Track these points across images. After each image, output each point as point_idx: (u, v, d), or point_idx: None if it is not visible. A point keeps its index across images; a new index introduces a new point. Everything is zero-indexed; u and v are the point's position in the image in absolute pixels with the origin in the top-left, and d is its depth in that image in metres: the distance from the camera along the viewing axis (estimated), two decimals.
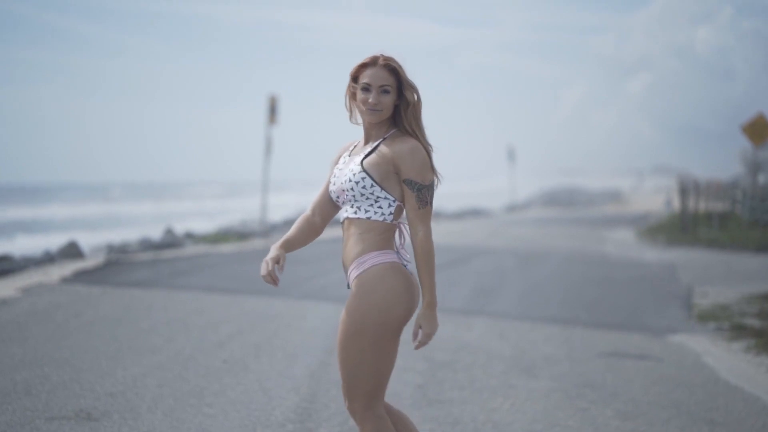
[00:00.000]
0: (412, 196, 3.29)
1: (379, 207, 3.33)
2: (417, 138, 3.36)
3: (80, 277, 11.40)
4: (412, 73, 3.41)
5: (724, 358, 7.60)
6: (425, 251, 3.27)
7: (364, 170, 3.30)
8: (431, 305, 3.28)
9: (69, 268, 12.29)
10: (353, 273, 3.32)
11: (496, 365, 6.86)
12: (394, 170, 3.32)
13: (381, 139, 3.38)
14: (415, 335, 3.31)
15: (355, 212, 3.34)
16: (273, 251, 3.33)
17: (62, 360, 6.41)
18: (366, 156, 3.34)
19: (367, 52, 3.44)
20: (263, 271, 3.27)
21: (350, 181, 3.31)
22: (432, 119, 3.52)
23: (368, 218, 3.32)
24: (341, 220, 3.43)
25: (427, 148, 3.38)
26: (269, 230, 21.17)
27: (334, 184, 3.41)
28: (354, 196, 3.32)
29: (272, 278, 3.25)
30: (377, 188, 3.30)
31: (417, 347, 3.31)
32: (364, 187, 3.30)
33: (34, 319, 8.10)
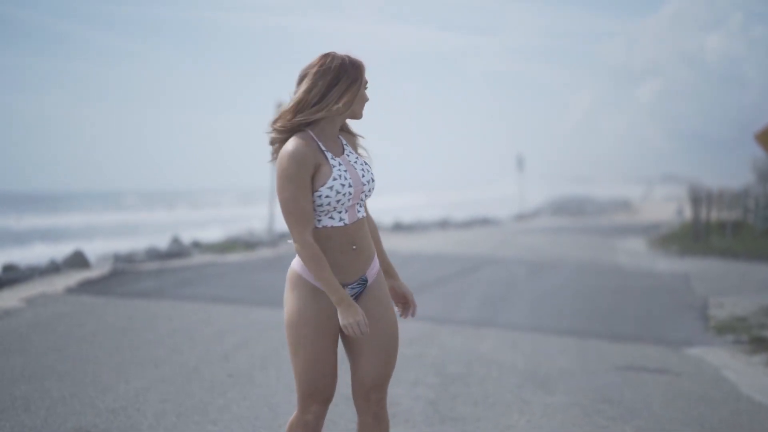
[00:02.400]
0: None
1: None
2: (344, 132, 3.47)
3: (85, 287, 11.23)
4: (419, 78, 3.46)
5: (744, 372, 7.38)
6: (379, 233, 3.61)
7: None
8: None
9: (74, 277, 12.12)
10: (376, 266, 3.45)
11: (510, 379, 6.65)
12: None
13: (339, 136, 3.44)
14: (411, 304, 3.59)
15: (359, 211, 3.40)
16: (354, 310, 3.23)
17: (63, 373, 6.23)
18: (357, 155, 3.44)
19: (373, 58, 3.53)
20: (361, 327, 3.23)
21: (373, 181, 3.42)
22: (440, 125, 3.50)
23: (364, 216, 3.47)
24: (349, 223, 3.32)
25: None
26: (276, 239, 21.00)
27: (352, 187, 3.29)
28: (367, 196, 3.44)
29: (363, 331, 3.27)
30: None
31: (413, 315, 3.57)
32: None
33: (36, 330, 7.93)
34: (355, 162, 3.37)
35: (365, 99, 3.38)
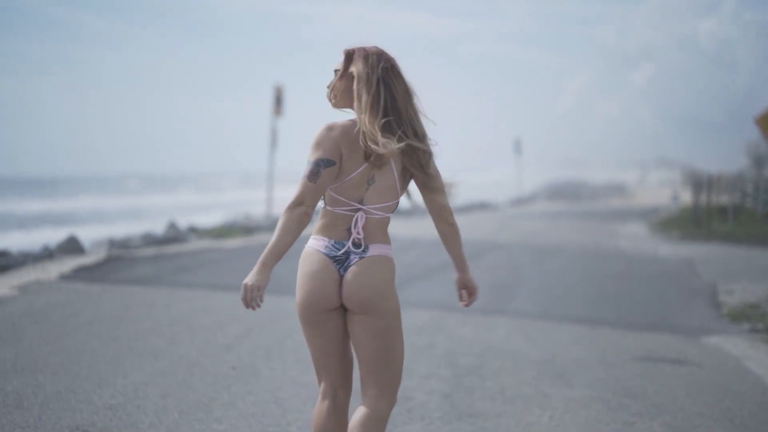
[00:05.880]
0: None
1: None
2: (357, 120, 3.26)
3: (80, 273, 10.91)
4: (414, 63, 3.27)
5: (767, 363, 7.10)
6: (281, 216, 3.26)
7: None
8: (258, 261, 3.22)
9: (69, 264, 11.80)
10: None
11: (526, 371, 6.36)
12: None
13: None
14: None
15: None
16: None
17: (58, 365, 5.92)
18: None
19: (369, 43, 3.36)
20: None
21: None
22: (434, 111, 3.39)
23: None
24: None
25: (363, 130, 3.21)
26: (275, 224, 20.69)
27: None
28: None
29: None
30: None
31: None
32: None
33: (29, 319, 7.61)
34: None
35: None
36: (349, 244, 3.27)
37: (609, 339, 7.86)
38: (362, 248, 3.27)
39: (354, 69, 3.28)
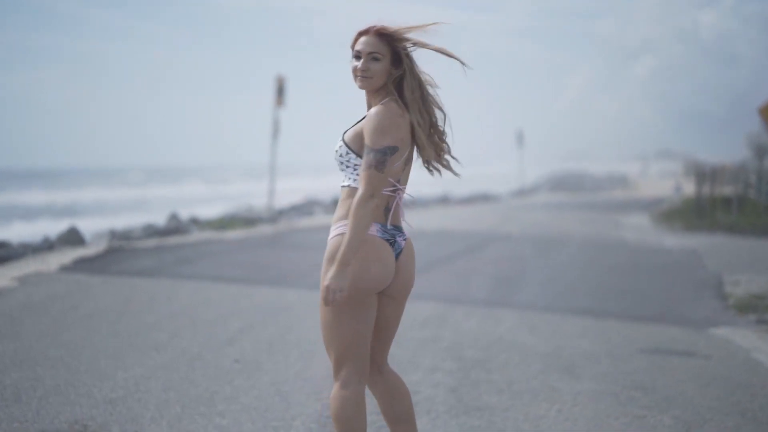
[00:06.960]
0: (364, 159, 3.17)
1: (358, 174, 3.26)
2: (410, 107, 3.26)
3: (80, 265, 10.81)
4: (416, 56, 3.34)
5: None
6: (353, 212, 3.12)
7: (344, 141, 3.30)
8: (338, 262, 3.10)
9: (69, 255, 11.71)
10: (330, 234, 3.35)
11: (533, 363, 6.26)
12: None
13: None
14: None
15: (343, 180, 3.34)
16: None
17: (57, 359, 5.83)
18: (352, 127, 3.32)
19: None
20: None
21: (335, 152, 3.33)
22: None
23: (348, 186, 3.28)
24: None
25: (416, 119, 3.26)
26: (276, 216, 20.58)
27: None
28: (339, 166, 3.33)
29: None
30: (353, 155, 3.26)
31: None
32: (341, 155, 3.30)
33: (29, 312, 7.52)
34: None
35: (352, 69, 3.32)
36: (404, 222, 3.35)
37: (615, 331, 7.76)
38: (401, 229, 3.34)
39: (400, 48, 3.28)
